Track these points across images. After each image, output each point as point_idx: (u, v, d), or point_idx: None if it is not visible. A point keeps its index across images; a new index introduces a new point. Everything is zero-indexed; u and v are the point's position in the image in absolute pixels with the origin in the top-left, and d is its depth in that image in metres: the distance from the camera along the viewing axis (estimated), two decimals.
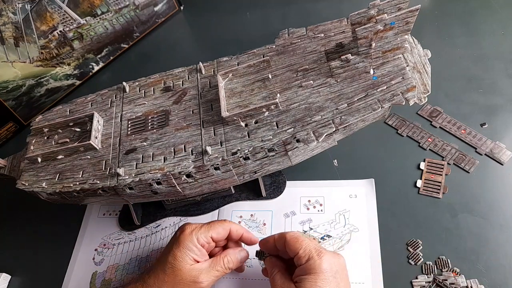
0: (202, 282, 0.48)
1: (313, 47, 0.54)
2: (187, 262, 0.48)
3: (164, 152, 0.51)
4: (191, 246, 0.48)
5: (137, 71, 0.77)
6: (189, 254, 0.48)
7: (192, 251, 0.48)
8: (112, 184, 0.50)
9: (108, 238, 0.64)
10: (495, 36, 0.73)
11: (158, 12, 0.90)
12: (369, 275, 0.53)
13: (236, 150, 0.49)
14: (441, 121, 0.64)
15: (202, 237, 0.49)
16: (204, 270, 0.48)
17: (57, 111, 0.60)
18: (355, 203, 0.59)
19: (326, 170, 0.63)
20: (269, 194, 0.62)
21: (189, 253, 0.48)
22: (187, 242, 0.48)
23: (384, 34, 0.46)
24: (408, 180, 0.60)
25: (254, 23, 0.89)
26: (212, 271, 0.49)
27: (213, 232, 0.50)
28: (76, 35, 0.80)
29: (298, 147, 0.48)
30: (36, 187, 0.53)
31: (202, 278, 0.48)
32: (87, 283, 0.60)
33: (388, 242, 0.55)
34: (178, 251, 0.48)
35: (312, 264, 0.44)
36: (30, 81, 0.78)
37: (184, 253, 0.48)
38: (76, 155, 0.54)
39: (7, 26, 0.70)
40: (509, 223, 0.54)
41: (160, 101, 0.57)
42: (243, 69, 0.54)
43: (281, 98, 0.51)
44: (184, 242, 0.48)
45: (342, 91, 0.49)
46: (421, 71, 0.50)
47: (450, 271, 0.52)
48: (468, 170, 0.59)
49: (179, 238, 0.49)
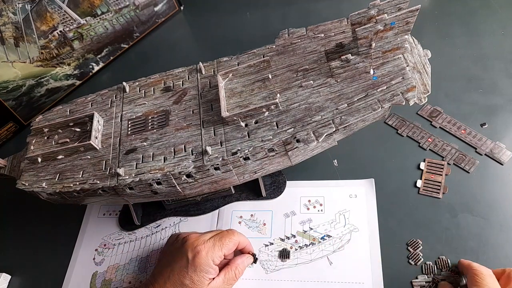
0: None
1: (313, 47, 0.54)
2: (205, 284, 0.49)
3: (164, 152, 0.51)
4: (208, 269, 0.49)
5: (137, 71, 0.77)
6: (206, 276, 0.49)
7: (209, 273, 0.49)
8: (112, 184, 0.50)
9: (108, 238, 0.64)
10: (495, 36, 0.73)
11: (158, 12, 0.90)
12: (369, 275, 0.53)
13: (236, 150, 0.49)
14: (441, 121, 0.64)
15: (216, 257, 0.50)
16: (220, 286, 0.50)
17: (57, 111, 0.60)
18: (355, 203, 0.59)
19: (326, 170, 0.63)
20: (269, 194, 0.62)
21: (206, 275, 0.49)
22: (204, 266, 0.49)
23: (384, 34, 0.46)
24: (408, 180, 0.60)
25: (254, 23, 0.89)
26: (226, 286, 0.51)
27: (225, 249, 0.51)
28: (76, 35, 0.80)
29: (298, 147, 0.48)
30: (36, 187, 0.53)
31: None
32: (87, 283, 0.60)
33: (388, 242, 0.55)
34: (196, 275, 0.48)
35: None
36: (30, 81, 0.78)
37: (202, 276, 0.48)
38: (76, 155, 0.54)
39: (7, 26, 0.70)
40: (509, 223, 0.54)
41: (160, 101, 0.57)
42: (243, 69, 0.54)
43: (281, 98, 0.51)
44: (201, 266, 0.48)
45: (342, 91, 0.49)
46: (421, 71, 0.50)
47: (449, 271, 0.52)
48: (468, 170, 0.59)
49: (195, 262, 0.48)
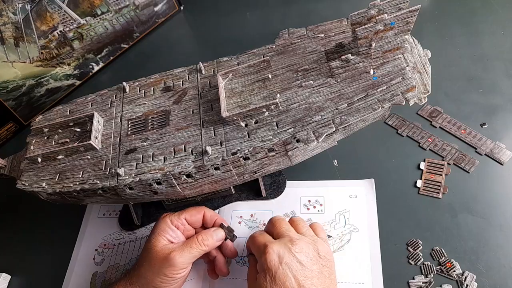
0: (174, 258, 0.48)
1: (313, 47, 0.54)
2: (160, 241, 0.50)
3: (164, 152, 0.51)
4: (164, 227, 0.51)
5: (137, 71, 0.77)
6: (162, 234, 0.50)
7: (165, 232, 0.50)
8: (112, 184, 0.50)
9: (109, 238, 0.64)
10: (495, 36, 0.73)
11: (158, 12, 0.90)
12: (369, 275, 0.53)
13: (236, 150, 0.49)
14: (441, 121, 0.64)
15: (175, 219, 0.52)
16: (177, 248, 0.49)
17: (57, 111, 0.60)
18: (355, 203, 0.59)
19: (326, 170, 0.63)
20: (269, 194, 0.62)
21: (162, 233, 0.50)
22: (161, 224, 0.51)
23: (384, 34, 0.46)
24: (408, 180, 0.60)
25: (254, 23, 0.89)
26: (186, 248, 0.49)
27: (187, 214, 0.52)
28: (76, 35, 0.80)
29: (298, 147, 0.48)
30: (36, 187, 0.53)
31: (174, 254, 0.48)
32: (87, 283, 0.60)
33: (388, 242, 0.55)
34: (153, 233, 0.51)
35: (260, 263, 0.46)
36: (30, 81, 0.78)
37: (158, 234, 0.50)
38: (76, 155, 0.54)
39: (7, 26, 0.70)
40: (509, 223, 0.54)
41: (160, 101, 0.57)
42: (243, 69, 0.54)
43: (281, 98, 0.51)
44: (158, 225, 0.51)
45: (342, 91, 0.49)
46: (421, 71, 0.50)
47: (446, 262, 0.52)
48: (468, 170, 0.59)
49: (155, 224, 0.52)
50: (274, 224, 0.50)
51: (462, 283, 0.51)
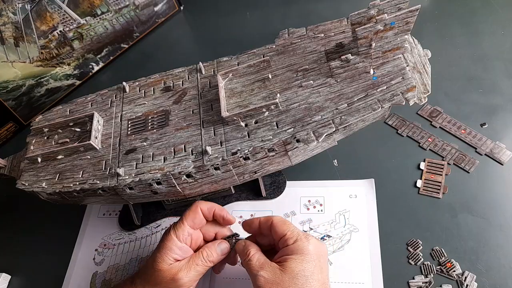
0: (181, 278, 0.47)
1: (313, 47, 0.54)
2: (166, 262, 0.48)
3: (164, 152, 0.51)
4: (170, 246, 0.49)
5: (137, 71, 0.77)
6: (169, 254, 0.48)
7: (172, 251, 0.48)
8: (112, 184, 0.50)
9: (109, 238, 0.64)
10: (495, 36, 0.73)
11: (158, 12, 0.90)
12: (369, 275, 0.53)
13: (236, 150, 0.49)
14: (441, 121, 0.64)
15: (181, 233, 0.49)
16: (183, 266, 0.48)
17: (57, 111, 0.60)
18: (355, 203, 0.59)
19: (326, 170, 0.63)
20: (269, 194, 0.62)
21: (169, 253, 0.48)
22: (167, 243, 0.49)
23: (384, 34, 0.46)
24: (408, 180, 0.60)
25: (254, 23, 0.89)
26: (192, 266, 0.49)
27: (187, 221, 0.50)
28: (76, 35, 0.80)
29: (298, 147, 0.48)
30: (36, 187, 0.53)
31: (180, 275, 0.47)
32: (87, 283, 0.60)
33: (388, 242, 0.55)
34: (158, 252, 0.49)
35: (301, 245, 0.45)
36: (30, 81, 0.78)
37: (164, 253, 0.48)
38: (76, 155, 0.54)
39: (7, 26, 0.70)
40: (509, 223, 0.54)
41: (160, 101, 0.57)
42: (243, 69, 0.54)
43: (281, 98, 0.51)
44: (164, 244, 0.49)
45: (342, 91, 0.49)
46: (421, 71, 0.50)
47: (446, 262, 0.52)
48: (468, 170, 0.59)
49: (161, 240, 0.50)
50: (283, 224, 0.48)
51: (462, 283, 0.51)
